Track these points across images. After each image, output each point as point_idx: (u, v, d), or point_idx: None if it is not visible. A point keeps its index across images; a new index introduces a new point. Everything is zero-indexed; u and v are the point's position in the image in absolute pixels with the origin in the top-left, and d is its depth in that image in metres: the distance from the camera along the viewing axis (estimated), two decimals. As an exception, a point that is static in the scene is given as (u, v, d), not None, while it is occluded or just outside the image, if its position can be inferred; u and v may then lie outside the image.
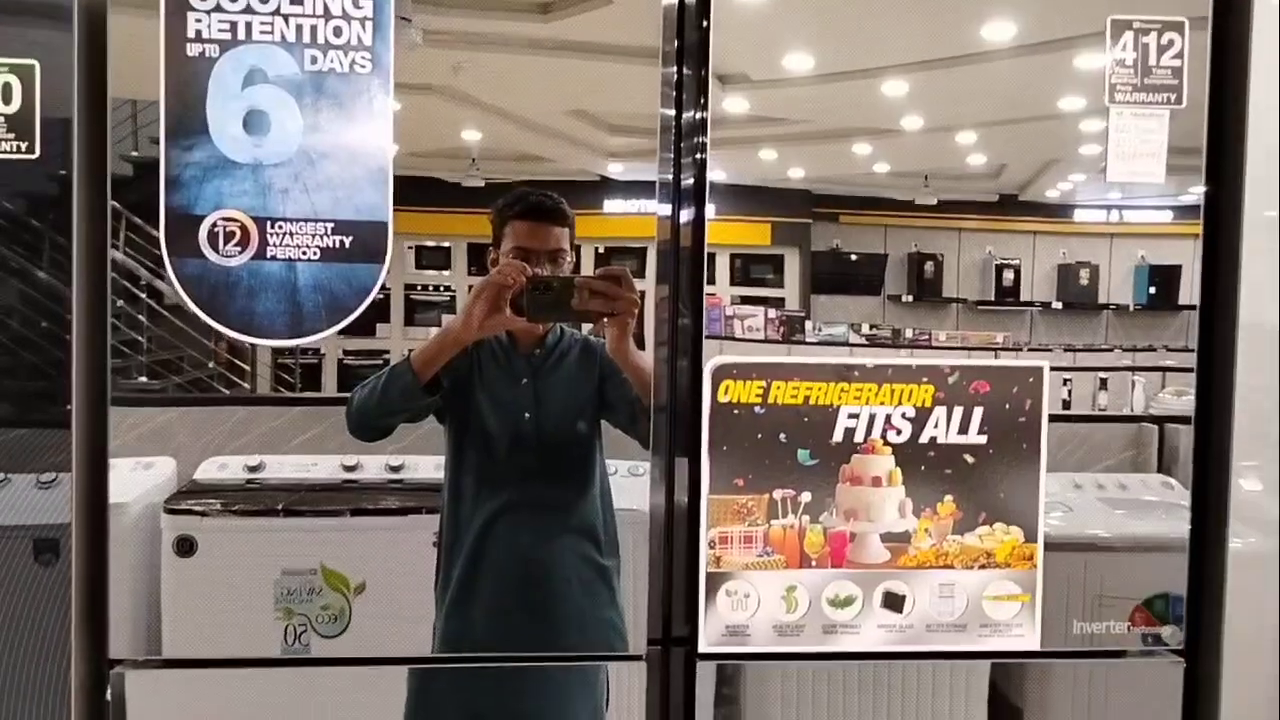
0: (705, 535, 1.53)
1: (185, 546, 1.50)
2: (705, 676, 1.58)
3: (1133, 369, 1.71)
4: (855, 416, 1.54)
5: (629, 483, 1.57)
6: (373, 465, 1.53)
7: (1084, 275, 1.69)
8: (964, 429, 1.56)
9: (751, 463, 1.53)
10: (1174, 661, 1.62)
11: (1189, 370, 1.63)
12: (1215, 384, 1.62)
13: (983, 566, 1.57)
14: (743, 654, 1.56)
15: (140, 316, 1.49)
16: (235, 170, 1.45)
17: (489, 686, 1.56)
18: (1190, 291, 1.65)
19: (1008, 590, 1.58)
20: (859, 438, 1.54)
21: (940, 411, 1.55)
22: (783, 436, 1.53)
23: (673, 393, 1.56)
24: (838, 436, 1.54)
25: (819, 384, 1.54)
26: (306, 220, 1.46)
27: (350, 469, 1.53)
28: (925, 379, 1.55)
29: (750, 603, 1.55)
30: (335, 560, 1.52)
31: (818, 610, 1.56)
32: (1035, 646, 1.59)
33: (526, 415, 1.55)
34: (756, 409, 1.53)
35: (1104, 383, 1.71)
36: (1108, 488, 1.64)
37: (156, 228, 1.45)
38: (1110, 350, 1.71)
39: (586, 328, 1.58)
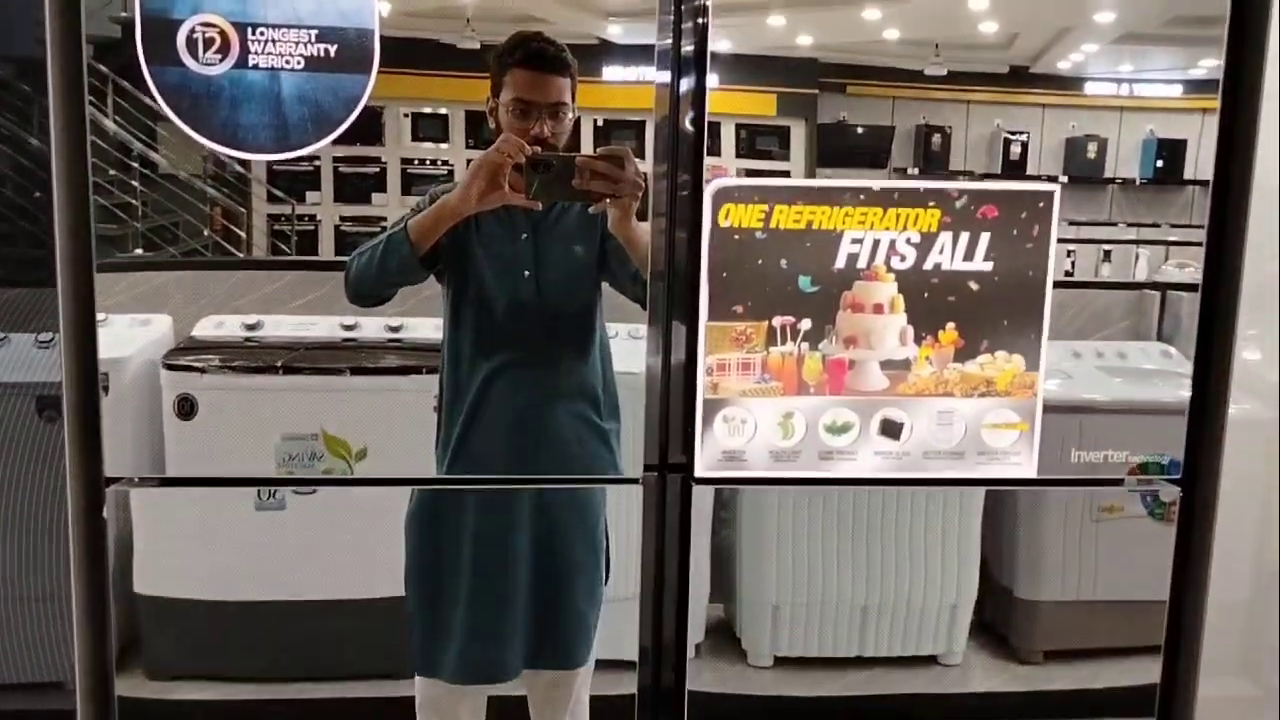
0: (703, 362, 1.53)
1: (186, 408, 1.51)
2: (702, 501, 1.59)
3: (1137, 242, 1.70)
4: (859, 242, 1.52)
5: (630, 346, 1.57)
6: (372, 326, 1.53)
7: (1091, 149, 1.67)
8: (969, 255, 1.53)
9: (751, 289, 1.52)
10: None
11: (1193, 244, 1.61)
12: (1224, 255, 1.60)
13: (982, 395, 1.57)
14: (739, 479, 1.57)
15: (134, 183, 1.48)
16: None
17: (488, 515, 1.58)
18: (1196, 167, 1.62)
19: (1006, 419, 1.58)
20: (862, 264, 1.52)
21: (946, 237, 1.53)
22: (784, 262, 1.51)
23: (670, 261, 1.55)
24: (840, 263, 1.52)
25: (822, 208, 1.51)
26: (289, 27, 1.42)
27: (349, 328, 1.53)
28: (932, 203, 1.51)
29: (747, 428, 1.55)
30: (336, 426, 1.52)
31: (814, 436, 1.56)
32: (1032, 474, 1.60)
33: (526, 273, 1.53)
34: (758, 233, 1.50)
35: (1107, 254, 1.70)
36: (1106, 356, 1.64)
37: (146, 93, 1.41)
38: (1114, 225, 1.70)
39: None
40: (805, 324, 1.52)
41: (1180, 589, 1.67)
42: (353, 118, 1.45)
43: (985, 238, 1.52)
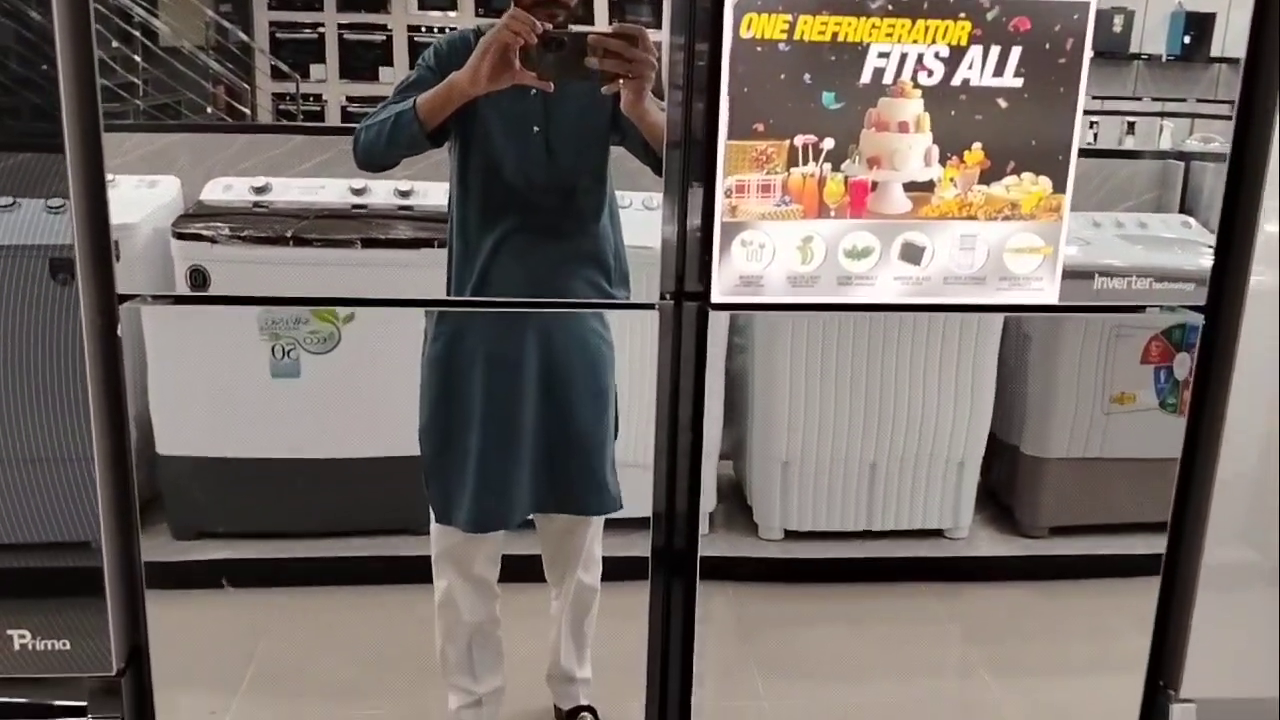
0: (722, 183, 1.49)
1: (198, 280, 1.51)
2: (718, 326, 1.58)
3: (1161, 115, 1.67)
4: (885, 56, 1.46)
5: (643, 217, 1.55)
6: (381, 191, 1.52)
7: (1118, 23, 1.61)
8: (999, 71, 1.48)
9: (773, 106, 1.47)
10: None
11: (1219, 118, 1.58)
12: (1252, 127, 1.56)
13: (1006, 218, 1.54)
14: (756, 304, 1.55)
15: (136, 58, 1.44)
16: None
17: (498, 368, 1.59)
18: (1224, 44, 1.58)
19: (1030, 243, 1.55)
20: (888, 79, 1.47)
21: (976, 51, 1.47)
22: (807, 77, 1.46)
23: (686, 131, 1.51)
24: (865, 78, 1.47)
25: (848, 18, 1.45)
26: None
27: (358, 192, 1.52)
28: (963, 14, 1.46)
29: (765, 253, 1.53)
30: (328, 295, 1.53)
31: (834, 261, 1.54)
32: (1054, 300, 1.58)
33: (535, 129, 1.50)
34: (780, 46, 1.45)
35: (1131, 126, 1.66)
36: (1127, 225, 1.62)
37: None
38: (1139, 100, 1.66)
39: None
40: (828, 143, 1.48)
41: (1190, 457, 1.68)
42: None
43: (1016, 52, 1.47)
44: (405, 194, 1.53)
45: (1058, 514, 1.79)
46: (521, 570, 1.70)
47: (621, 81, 1.44)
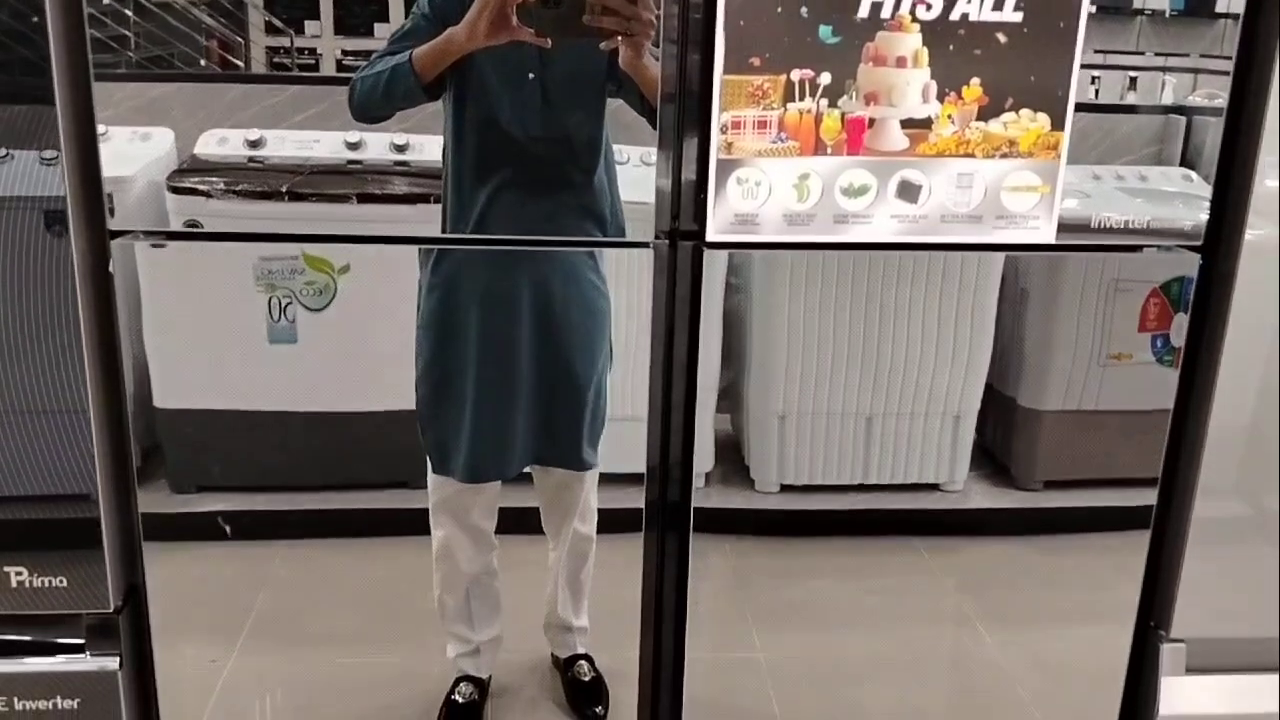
0: (717, 120, 1.48)
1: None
2: (713, 266, 1.58)
3: (1164, 69, 1.65)
4: None
5: (640, 174, 1.54)
6: (377, 145, 1.51)
7: (1122, -28, 1.60)
8: (999, 4, 1.46)
9: (769, 40, 1.45)
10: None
11: (1222, 74, 1.55)
12: (1251, 79, 1.54)
13: (1004, 156, 1.52)
14: (752, 243, 1.54)
15: (127, 11, 1.42)
16: None
17: (493, 317, 1.60)
18: (1229, -1, 1.55)
19: (1028, 181, 1.53)
20: (886, 13, 1.45)
21: None
22: (804, 11, 1.44)
23: (681, 84, 1.50)
24: (863, 11, 1.44)
25: None
26: None
27: (354, 146, 1.51)
28: None
29: (761, 191, 1.51)
30: (321, 248, 1.53)
31: (830, 199, 1.52)
32: (1051, 240, 1.57)
33: (530, 75, 1.49)
34: None
35: (1133, 82, 1.65)
36: (1128, 179, 1.61)
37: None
38: (1142, 54, 1.64)
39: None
40: (825, 78, 1.46)
41: (1184, 408, 1.68)
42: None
43: (1016, -16, 1.45)
44: (401, 148, 1.52)
45: (1053, 467, 1.80)
46: (519, 523, 1.72)
47: (620, 39, 1.43)
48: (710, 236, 1.52)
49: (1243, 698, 1.75)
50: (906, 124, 1.49)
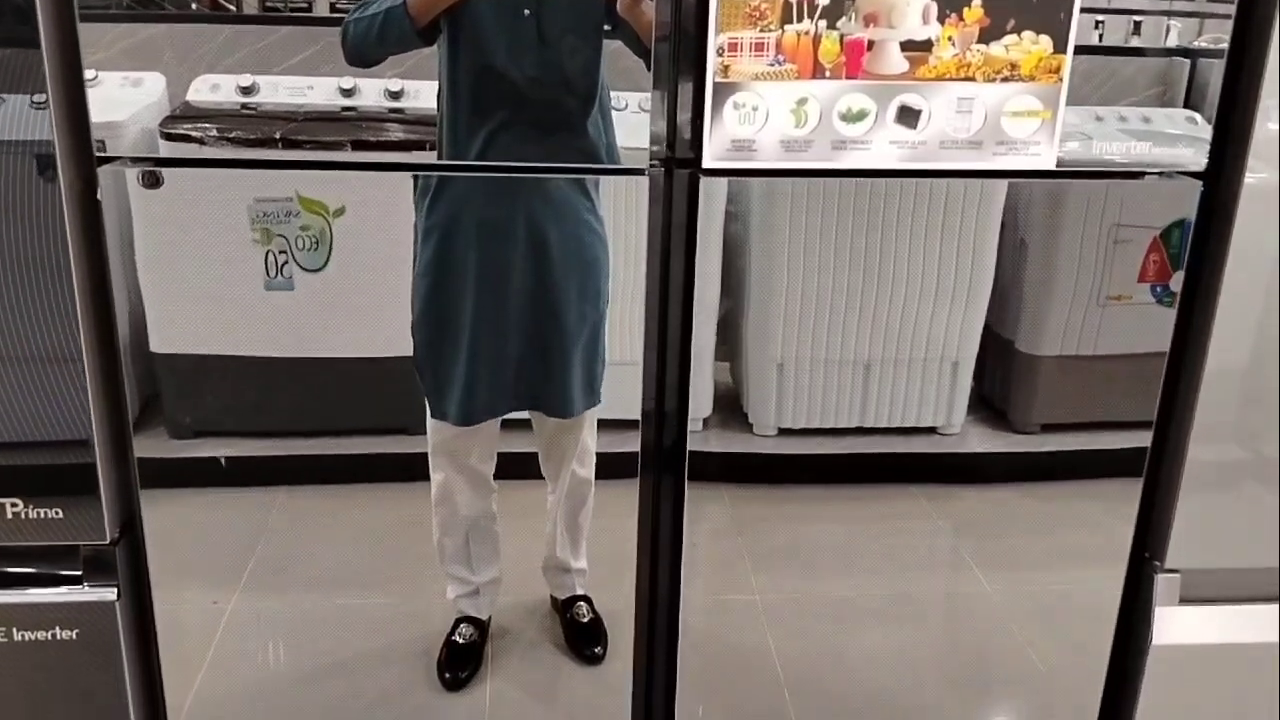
0: (714, 41, 1.45)
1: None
2: (710, 193, 1.56)
3: (1169, 14, 1.62)
4: None
5: (637, 121, 1.52)
6: (371, 91, 1.50)
7: (1129, -85, 1.56)
8: None
9: None
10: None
11: (1227, 18, 1.53)
12: (1253, 21, 1.52)
13: (1005, 80, 1.50)
14: (748, 170, 1.53)
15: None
16: None
17: (488, 260, 1.60)
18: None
19: (1029, 105, 1.51)
20: None
21: None
22: None
23: (676, 23, 1.48)
24: None
25: None
26: None
27: (348, 93, 1.49)
28: None
29: (758, 116, 1.49)
30: (316, 191, 1.53)
31: (828, 125, 1.50)
32: (1052, 166, 1.55)
33: (526, 12, 1.48)
34: None
35: (1137, 26, 1.62)
36: (1130, 120, 1.59)
37: None
38: (1145, -1, 1.61)
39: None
40: None
41: (1180, 352, 1.68)
42: None
43: (1018, -102, 1.42)
44: (396, 95, 1.50)
45: (1050, 410, 1.80)
46: (519, 468, 1.73)
47: None
48: (706, 163, 1.50)
49: (1240, 628, 1.75)
50: (906, 46, 1.46)
